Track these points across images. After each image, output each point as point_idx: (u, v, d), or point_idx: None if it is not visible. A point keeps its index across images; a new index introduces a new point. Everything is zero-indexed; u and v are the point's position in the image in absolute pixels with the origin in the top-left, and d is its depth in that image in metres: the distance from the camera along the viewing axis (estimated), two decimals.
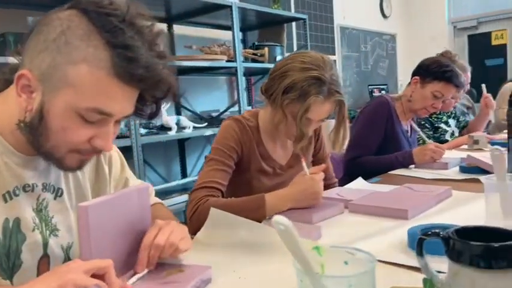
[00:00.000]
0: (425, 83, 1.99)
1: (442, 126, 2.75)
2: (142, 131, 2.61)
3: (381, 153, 1.95)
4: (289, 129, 1.31)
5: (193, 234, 1.05)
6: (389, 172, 1.83)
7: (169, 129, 2.66)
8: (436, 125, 2.74)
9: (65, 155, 0.78)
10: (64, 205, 0.89)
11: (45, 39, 0.72)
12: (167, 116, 2.66)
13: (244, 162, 1.37)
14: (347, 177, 1.85)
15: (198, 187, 1.27)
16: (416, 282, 0.70)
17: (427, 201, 1.24)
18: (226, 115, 3.00)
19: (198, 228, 1.08)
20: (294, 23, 4.22)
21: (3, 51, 1.89)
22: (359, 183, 1.62)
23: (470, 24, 5.94)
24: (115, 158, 1.03)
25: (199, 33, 3.42)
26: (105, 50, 0.71)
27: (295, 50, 4.11)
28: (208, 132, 2.84)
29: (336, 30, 5.01)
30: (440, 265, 0.63)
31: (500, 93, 3.34)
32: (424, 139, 2.34)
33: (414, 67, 2.09)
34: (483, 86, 2.56)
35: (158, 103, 0.84)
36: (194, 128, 2.81)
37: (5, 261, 0.78)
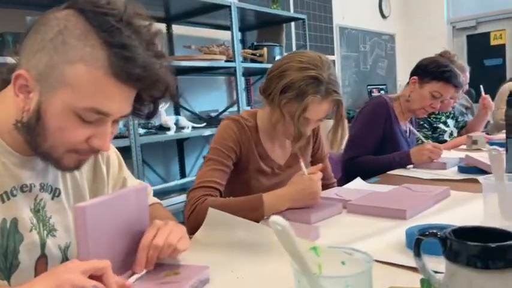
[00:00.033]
0: (424, 83, 1.98)
1: (441, 126, 2.75)
2: (141, 131, 2.61)
3: (379, 153, 1.95)
4: (287, 128, 1.31)
5: (191, 234, 1.05)
6: (388, 172, 1.83)
7: (168, 129, 2.65)
8: (434, 125, 2.74)
9: (62, 155, 0.77)
10: (62, 205, 0.89)
11: (42, 39, 0.72)
12: (166, 116, 2.66)
13: (243, 162, 1.37)
14: (345, 177, 1.85)
15: (196, 187, 1.26)
16: (413, 283, 0.69)
17: (425, 202, 1.24)
18: (225, 115, 2.99)
19: (196, 227, 1.08)
20: (293, 23, 4.22)
21: (2, 51, 1.88)
22: (357, 183, 1.62)
23: (469, 24, 5.95)
24: (113, 158, 1.03)
25: (198, 33, 3.42)
26: (102, 49, 0.71)
27: (294, 50, 4.11)
28: (207, 132, 2.84)
29: (335, 30, 5.01)
30: (438, 265, 0.63)
31: (499, 94, 3.35)
32: (422, 139, 2.34)
33: (413, 67, 2.09)
34: (481, 87, 2.56)
35: (156, 103, 0.84)
36: (193, 128, 2.81)
37: (2, 261, 0.77)
